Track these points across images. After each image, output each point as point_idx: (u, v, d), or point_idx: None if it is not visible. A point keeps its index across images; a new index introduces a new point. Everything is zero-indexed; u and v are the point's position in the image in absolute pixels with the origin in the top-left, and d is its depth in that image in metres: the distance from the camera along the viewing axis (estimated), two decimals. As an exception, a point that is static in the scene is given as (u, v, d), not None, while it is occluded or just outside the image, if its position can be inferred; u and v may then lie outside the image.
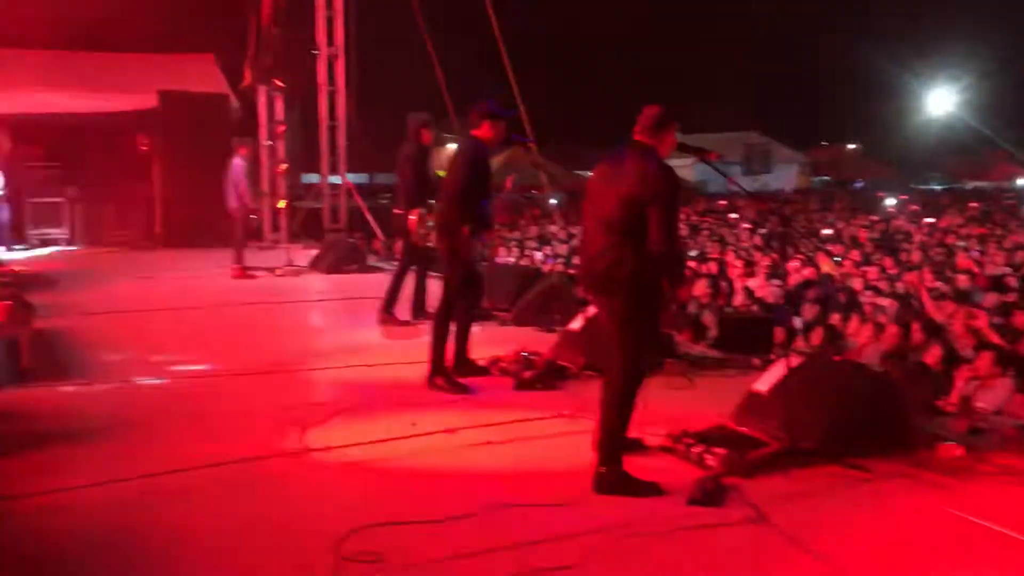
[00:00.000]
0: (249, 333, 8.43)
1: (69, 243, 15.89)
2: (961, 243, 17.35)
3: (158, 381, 6.59)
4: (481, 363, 6.79)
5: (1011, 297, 10.37)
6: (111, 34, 15.94)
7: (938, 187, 48.09)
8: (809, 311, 9.81)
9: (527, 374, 6.45)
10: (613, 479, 4.43)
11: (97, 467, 4.73)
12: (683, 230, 21.04)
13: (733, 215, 24.79)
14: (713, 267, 13.17)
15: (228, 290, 11.03)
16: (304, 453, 5.02)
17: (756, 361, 6.95)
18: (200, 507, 4.30)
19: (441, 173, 7.58)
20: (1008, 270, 13.02)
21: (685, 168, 35.75)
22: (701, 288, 10.55)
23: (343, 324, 8.81)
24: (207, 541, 3.95)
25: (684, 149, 4.81)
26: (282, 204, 16.30)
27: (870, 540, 3.96)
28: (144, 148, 15.99)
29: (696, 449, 4.79)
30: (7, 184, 13.22)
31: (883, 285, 11.75)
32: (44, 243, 15.69)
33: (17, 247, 14.92)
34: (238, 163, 11.90)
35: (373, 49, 17.94)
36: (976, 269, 13.01)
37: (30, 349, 6.80)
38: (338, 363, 7.16)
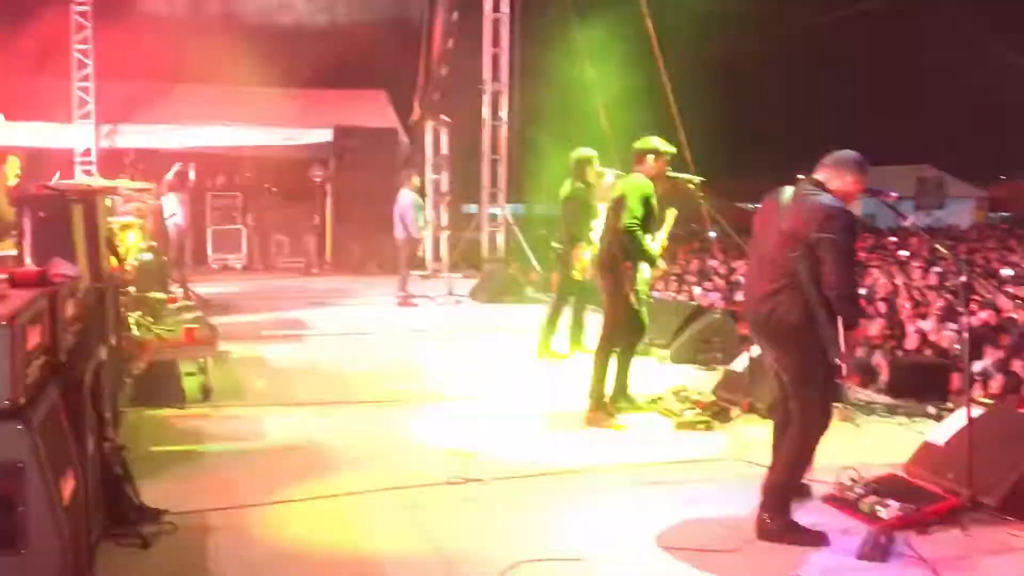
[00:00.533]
0: (412, 361, 8.67)
1: (245, 269, 16.81)
2: None
3: (327, 404, 6.86)
4: (640, 400, 6.75)
5: None
6: (290, 71, 16.86)
7: None
8: (989, 357, 9.27)
9: (688, 414, 6.37)
10: (778, 527, 4.31)
11: (267, 487, 4.97)
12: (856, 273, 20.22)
13: (904, 252, 23.70)
14: (883, 307, 12.64)
15: (393, 317, 11.39)
16: (465, 483, 5.11)
17: (931, 409, 6.61)
18: (368, 532, 4.45)
19: (601, 204, 7.62)
20: None
21: (852, 203, 34.47)
22: (873, 330, 10.14)
23: (500, 355, 8.94)
24: (373, 565, 4.08)
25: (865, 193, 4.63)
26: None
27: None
28: (317, 179, 16.78)
29: (867, 500, 4.60)
30: (191, 212, 14.12)
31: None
32: (223, 268, 16.66)
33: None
34: (405, 195, 12.32)
35: (536, 83, 18.24)
36: None
37: (212, 370, 7.22)
38: (496, 393, 7.26)
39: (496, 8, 16.07)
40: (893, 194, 4.67)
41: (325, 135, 16.44)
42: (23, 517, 2.88)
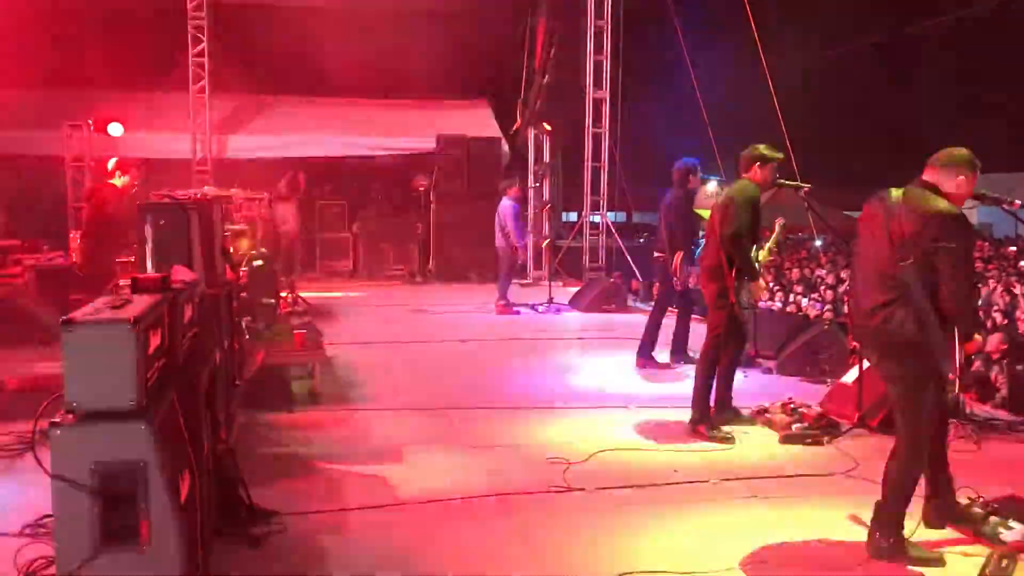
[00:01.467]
0: (512, 368, 8.71)
1: (352, 275, 17.16)
2: None
3: (427, 410, 6.95)
4: (745, 412, 6.63)
5: None
6: (395, 82, 17.18)
7: None
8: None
9: (795, 427, 6.22)
10: (889, 545, 4.17)
11: (374, 490, 5.06)
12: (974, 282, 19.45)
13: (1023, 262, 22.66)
14: (1001, 320, 12.11)
15: (493, 325, 11.46)
16: (567, 492, 5.10)
17: (1056, 426, 6.31)
18: (471, 536, 4.48)
19: (704, 213, 7.53)
20: None
21: (968, 209, 33.16)
22: (992, 344, 9.72)
23: (601, 363, 8.90)
24: (477, 569, 4.10)
25: (980, 199, 4.44)
26: (546, 243, 16.77)
27: None
28: (422, 188, 17.03)
29: (988, 521, 4.41)
30: (300, 220, 14.50)
31: None
32: (330, 275, 17.05)
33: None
34: (507, 203, 12.38)
35: (638, 90, 18.15)
36: None
37: (320, 374, 7.39)
38: (596, 403, 7.23)
39: (599, 15, 16.05)
40: (1017, 202, 4.45)
41: (429, 143, 16.67)
42: (144, 514, 2.99)
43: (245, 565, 4.10)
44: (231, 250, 7.03)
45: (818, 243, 21.04)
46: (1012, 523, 4.34)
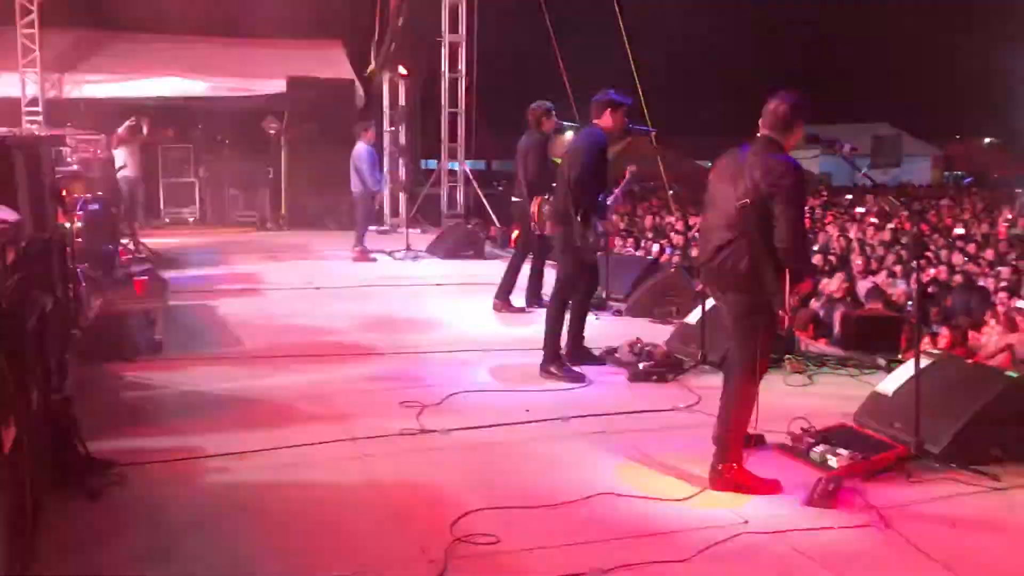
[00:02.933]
0: (367, 315, 8.61)
1: (199, 222, 16.54)
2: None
3: (280, 358, 6.80)
4: (596, 352, 6.77)
5: None
6: (243, 21, 16.50)
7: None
8: (938, 312, 9.43)
9: (643, 365, 6.41)
10: (730, 476, 4.36)
11: (220, 438, 4.92)
12: (807, 224, 20.43)
13: (859, 209, 23.98)
14: (837, 262, 12.78)
15: (349, 272, 11.29)
16: (420, 434, 5.10)
17: (881, 361, 6.72)
18: (319, 482, 4.43)
19: (558, 161, 7.58)
20: None
21: (810, 160, 34.78)
22: (833, 284, 10.26)
23: (458, 309, 8.92)
24: (324, 515, 4.07)
25: (814, 141, 4.67)
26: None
27: (996, 551, 3.80)
28: (272, 132, 16.50)
29: (818, 449, 4.67)
30: (143, 164, 13.82)
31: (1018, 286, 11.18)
32: (175, 222, 16.39)
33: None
34: (362, 148, 12.15)
35: (494, 36, 18.04)
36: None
37: (164, 322, 7.12)
38: (453, 347, 7.25)
39: (454, -42, 15.84)
40: (847, 146, 4.67)
41: (279, 86, 16.12)
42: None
43: (83, 517, 3.93)
44: (64, 193, 6.63)
45: (670, 191, 21.69)
46: (839, 450, 4.61)
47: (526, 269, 8.80)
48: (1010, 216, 20.33)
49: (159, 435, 5.03)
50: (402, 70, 16.16)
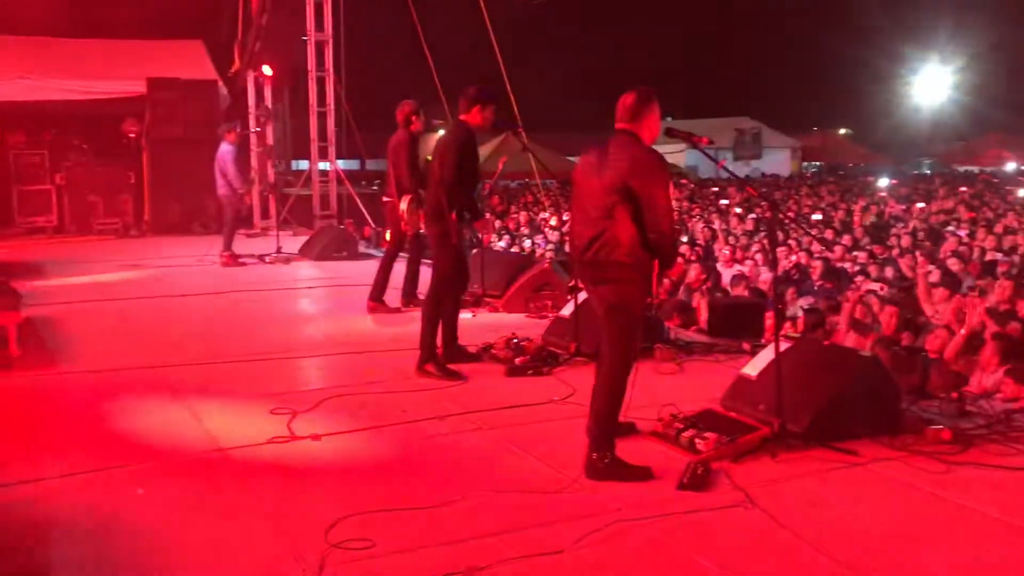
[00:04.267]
0: (237, 321, 8.40)
1: (57, 231, 15.79)
2: (951, 227, 17.38)
3: (145, 369, 6.55)
4: (472, 350, 6.78)
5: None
6: (98, 20, 15.81)
7: (928, 171, 48.20)
8: (798, 297, 9.82)
9: (518, 360, 6.45)
10: (604, 464, 4.43)
11: (83, 454, 4.71)
12: (674, 215, 20.98)
13: (724, 201, 24.78)
14: (703, 252, 13.17)
15: (217, 278, 10.98)
16: (292, 440, 5.00)
17: (746, 346, 6.96)
18: (189, 493, 4.29)
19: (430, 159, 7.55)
20: (999, 255, 13.04)
21: (676, 154, 35.73)
22: (692, 273, 10.55)
23: (332, 311, 8.79)
24: (194, 526, 3.94)
25: (673, 134, 4.79)
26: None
27: (858, 523, 3.97)
28: (132, 135, 15.88)
29: (686, 434, 4.79)
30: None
31: (873, 270, 11.77)
32: (31, 231, 15.60)
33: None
34: (226, 149, 11.83)
35: (363, 35, 17.85)
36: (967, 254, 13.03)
37: (18, 337, 6.76)
38: (327, 350, 7.14)
39: (318, -46, 15.58)
40: (705, 139, 4.81)
41: (138, 86, 15.52)
42: None
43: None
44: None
45: (545, 184, 21.94)
46: (707, 434, 4.74)
47: (400, 268, 8.74)
48: (864, 204, 21.35)
49: (14, 454, 4.77)
50: (267, 70, 15.82)
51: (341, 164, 17.11)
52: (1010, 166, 46.45)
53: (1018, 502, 4.17)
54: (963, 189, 28.75)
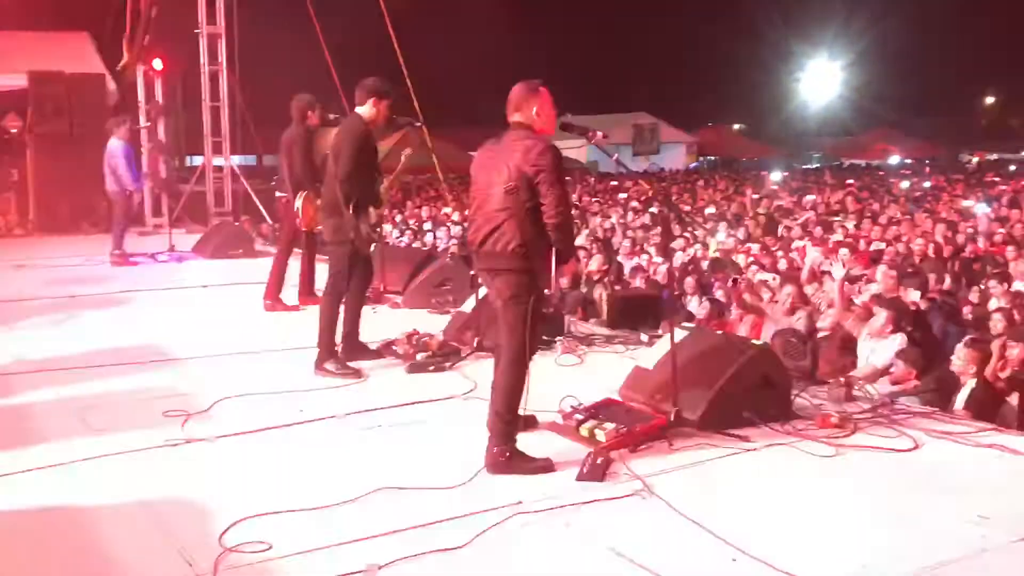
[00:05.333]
0: (129, 322, 8.13)
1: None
2: (839, 218, 18.00)
3: (34, 373, 6.28)
4: (372, 346, 6.72)
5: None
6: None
7: (818, 165, 49.85)
8: (694, 287, 10.03)
9: (420, 356, 6.41)
10: (505, 458, 4.44)
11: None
12: (573, 209, 21.22)
13: (623, 195, 25.14)
14: (603, 246, 13.34)
15: (108, 278, 10.61)
16: (186, 444, 4.86)
17: (644, 337, 7.07)
18: (78, 501, 4.12)
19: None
20: (883, 245, 13.57)
21: (577, 149, 36.07)
22: (594, 266, 10.67)
23: (228, 311, 8.59)
24: (83, 535, 3.80)
25: (568, 128, 4.83)
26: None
27: (751, 507, 4.08)
28: (14, 131, 15.22)
29: (586, 425, 4.84)
30: None
31: (767, 261, 12.10)
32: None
33: None
34: (116, 145, 11.43)
35: (258, 27, 17.47)
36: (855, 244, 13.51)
37: None
38: (222, 350, 6.97)
39: (209, -55, 15.19)
40: (600, 133, 4.86)
41: (19, 80, 14.86)
42: None
43: None
44: None
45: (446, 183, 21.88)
46: (606, 424, 4.80)
47: (297, 266, 8.59)
48: (755, 196, 21.92)
49: None
50: (158, 64, 15.35)
51: (236, 160, 16.75)
52: (894, 159, 48.42)
53: (902, 483, 4.35)
54: (850, 182, 29.83)
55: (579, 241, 12.69)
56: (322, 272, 7.72)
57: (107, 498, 4.18)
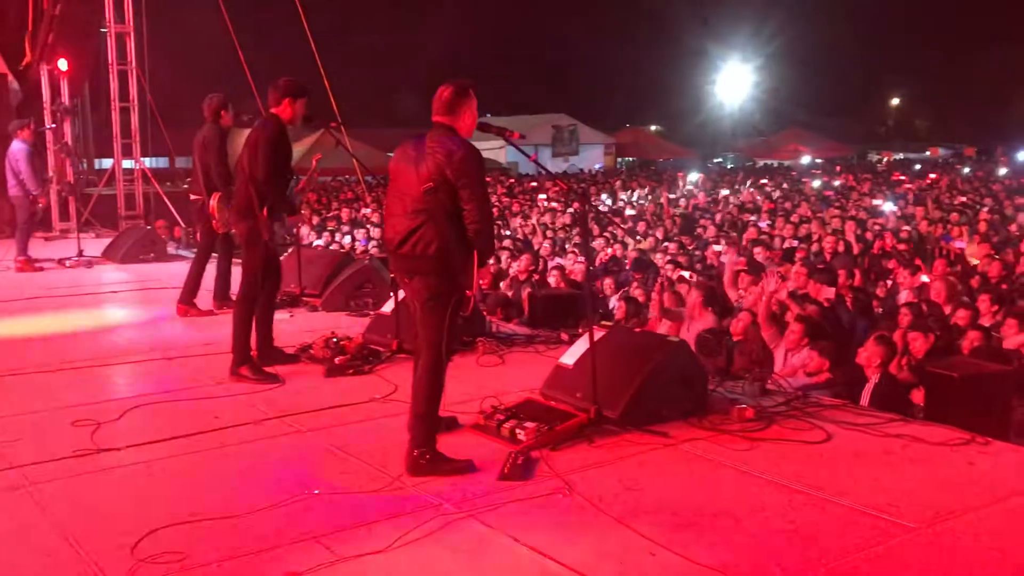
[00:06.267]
0: (37, 330, 7.85)
1: None
2: (753, 218, 18.40)
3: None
4: (289, 351, 6.61)
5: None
6: None
7: (732, 165, 50.86)
8: (613, 286, 10.14)
9: (338, 360, 6.33)
10: (426, 460, 4.40)
11: None
12: (495, 211, 21.26)
13: (543, 196, 25.27)
14: (523, 246, 13.38)
15: (11, 284, 10.23)
16: (96, 453, 4.71)
17: (564, 336, 7.10)
18: (-22, 518, 3.96)
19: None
20: (796, 243, 13.91)
21: (497, 150, 36.15)
22: (520, 266, 10.69)
23: (140, 316, 8.36)
24: (-15, 555, 3.65)
25: (486, 128, 4.81)
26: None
27: (670, 502, 4.12)
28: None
29: (507, 425, 4.84)
30: None
31: (683, 259, 12.30)
32: None
33: None
34: (18, 148, 11.05)
35: (168, 25, 17.08)
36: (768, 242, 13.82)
37: None
38: (134, 357, 6.78)
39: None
40: (516, 133, 4.87)
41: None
42: None
43: None
44: None
45: (368, 180, 21.67)
46: (527, 424, 4.80)
47: (212, 269, 8.41)
48: (671, 196, 22.28)
49: None
50: (62, 63, 14.85)
51: (148, 162, 16.31)
52: (805, 159, 49.69)
53: (816, 473, 4.45)
54: (764, 182, 30.52)
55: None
56: (237, 275, 7.57)
57: (14, 510, 4.03)
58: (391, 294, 7.01)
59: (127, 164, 15.84)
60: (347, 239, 15.61)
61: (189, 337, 7.53)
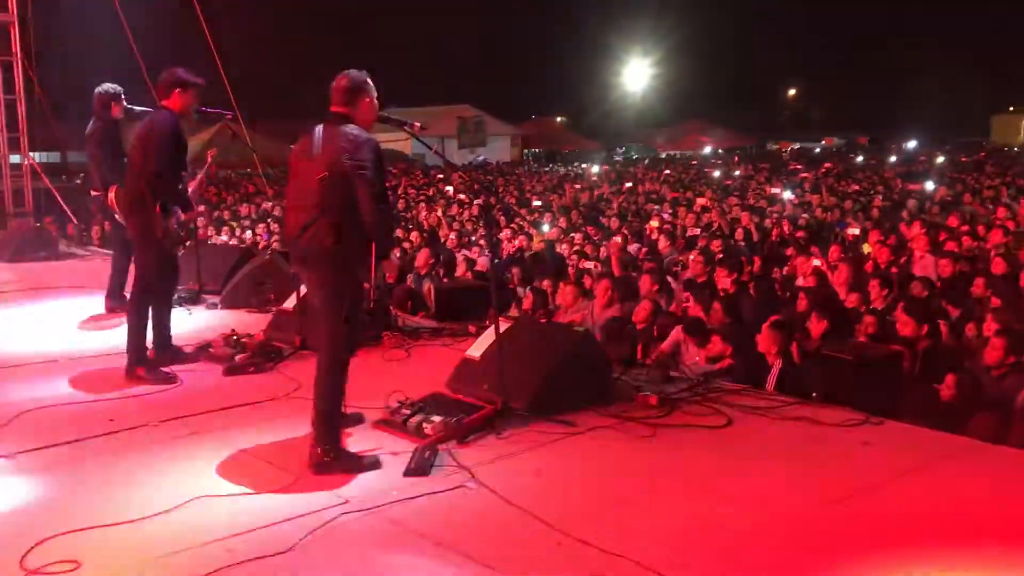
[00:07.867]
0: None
1: None
2: (656, 207, 18.70)
3: None
4: (188, 349, 6.43)
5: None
6: None
7: (635, 156, 51.58)
8: (519, 278, 10.16)
9: (238, 358, 6.18)
10: (330, 458, 4.33)
11: None
12: (400, 203, 21.09)
13: (449, 187, 25.19)
14: (429, 238, 13.32)
15: None
16: (-12, 461, 4.51)
17: (471, 328, 7.08)
18: None
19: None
20: (698, 231, 14.18)
21: (402, 141, 35.88)
22: (419, 260, 10.61)
23: (29, 316, 8.02)
24: None
25: (386, 120, 4.75)
26: None
27: (576, 490, 4.16)
28: None
29: (413, 419, 4.80)
30: None
31: (588, 250, 12.42)
32: None
33: None
34: None
35: (56, 14, 16.41)
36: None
37: None
38: (23, 360, 6.51)
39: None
40: (416, 124, 4.83)
41: None
42: None
43: None
44: None
45: (268, 174, 21.28)
46: (434, 417, 4.77)
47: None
48: (579, 187, 22.48)
49: None
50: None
51: (37, 157, 15.66)
52: (707, 150, 50.78)
53: (717, 457, 4.54)
54: (667, 172, 31.04)
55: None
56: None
57: None
58: (293, 290, 6.89)
59: (15, 159, 15.17)
60: (248, 234, 15.29)
61: (82, 337, 7.26)
